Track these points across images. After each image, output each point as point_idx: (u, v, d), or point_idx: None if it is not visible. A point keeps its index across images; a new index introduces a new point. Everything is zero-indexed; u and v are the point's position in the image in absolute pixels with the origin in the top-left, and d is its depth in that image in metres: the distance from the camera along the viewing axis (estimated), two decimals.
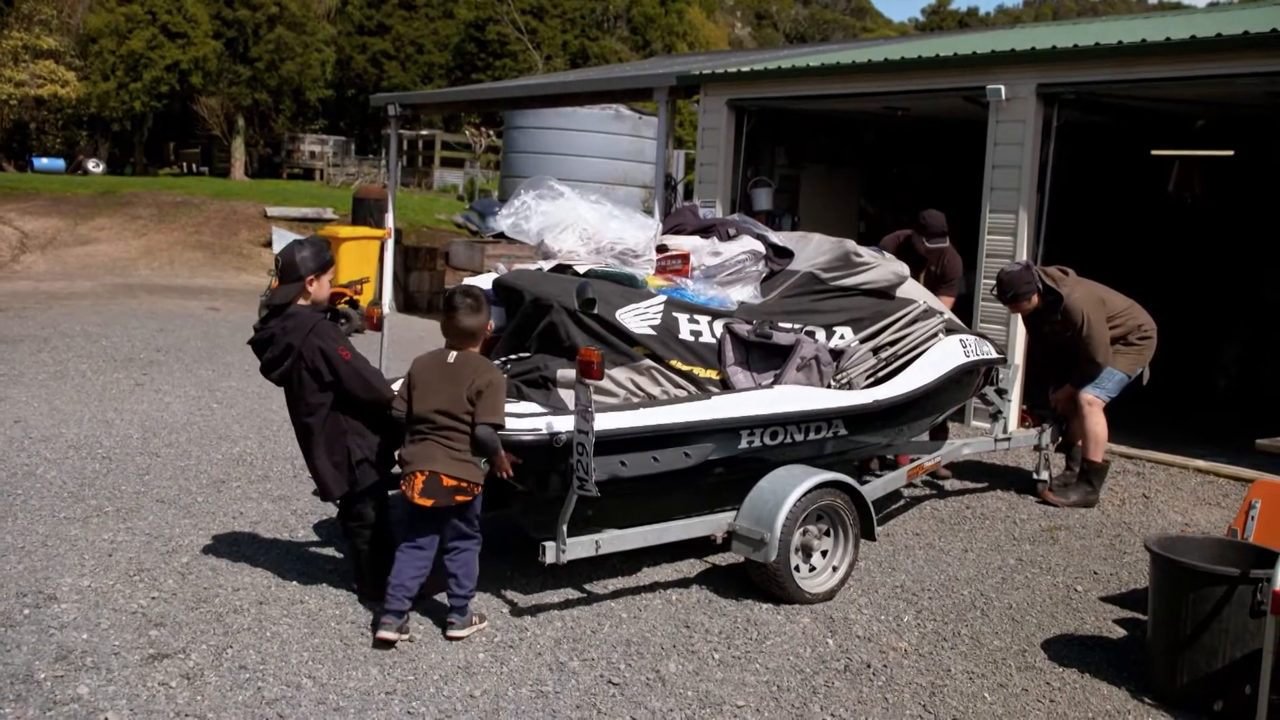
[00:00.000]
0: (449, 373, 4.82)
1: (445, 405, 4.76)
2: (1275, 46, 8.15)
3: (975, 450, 7.65)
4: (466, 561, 4.85)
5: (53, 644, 4.54)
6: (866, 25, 61.69)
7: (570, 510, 4.81)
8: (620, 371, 5.41)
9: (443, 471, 4.70)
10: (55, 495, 6.56)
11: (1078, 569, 6.23)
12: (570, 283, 5.35)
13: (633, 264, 6.01)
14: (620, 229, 6.07)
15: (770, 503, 5.36)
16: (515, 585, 5.48)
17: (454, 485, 4.71)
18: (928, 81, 10.49)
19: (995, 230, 9.82)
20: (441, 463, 4.72)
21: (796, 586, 5.40)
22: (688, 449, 5.29)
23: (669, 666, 4.65)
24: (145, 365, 10.94)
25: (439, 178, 32.72)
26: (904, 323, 6.54)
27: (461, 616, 4.84)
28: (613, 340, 5.40)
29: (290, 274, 5.07)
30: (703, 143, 12.67)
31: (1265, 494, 5.31)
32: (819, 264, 6.38)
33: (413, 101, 19.67)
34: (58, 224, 21.61)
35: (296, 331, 4.97)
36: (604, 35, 43.45)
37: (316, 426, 5.01)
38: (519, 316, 5.55)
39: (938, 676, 4.71)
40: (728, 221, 6.64)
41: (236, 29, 35.43)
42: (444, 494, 4.72)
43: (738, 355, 5.80)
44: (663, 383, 5.52)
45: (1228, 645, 4.40)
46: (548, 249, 6.01)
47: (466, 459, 4.75)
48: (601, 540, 5.10)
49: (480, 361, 4.91)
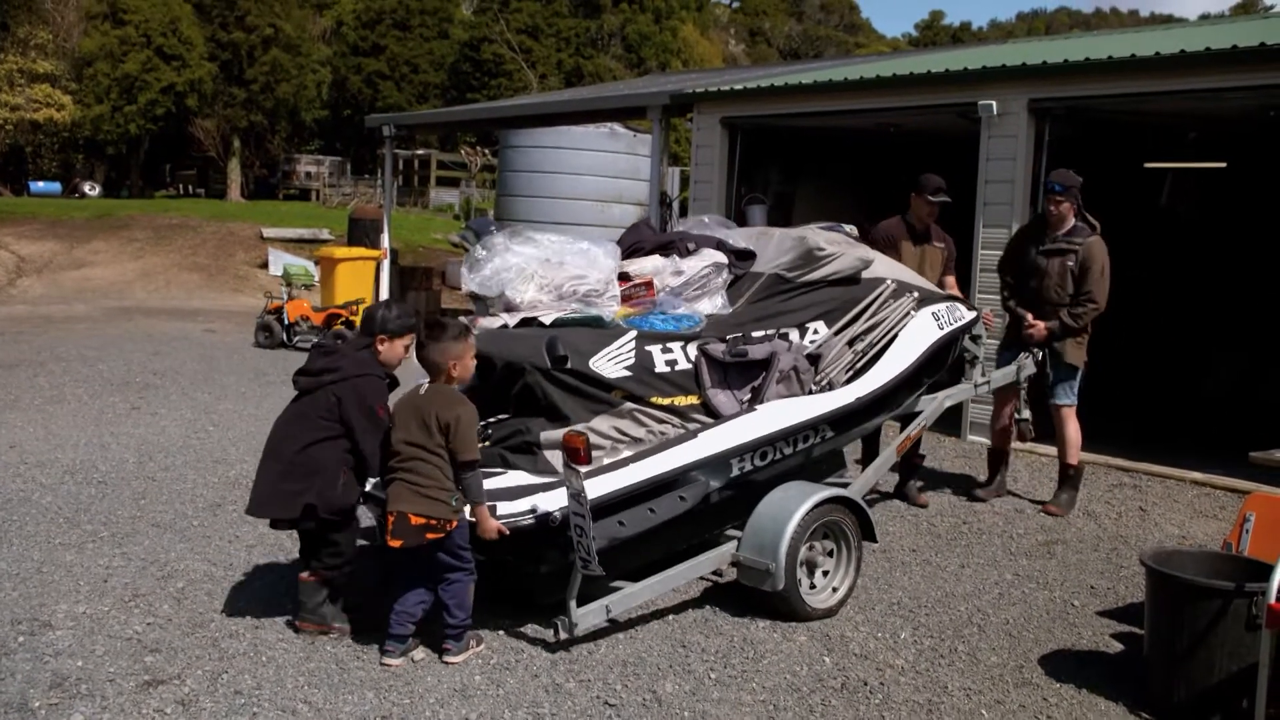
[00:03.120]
0: (418, 403, 4.78)
1: (411, 436, 4.71)
2: (1263, 61, 8.19)
3: (956, 399, 7.57)
4: (458, 592, 4.78)
5: (47, 671, 4.53)
6: (859, 41, 61.96)
7: (577, 586, 4.79)
8: (602, 421, 5.26)
9: (410, 511, 4.64)
10: (50, 521, 6.55)
11: (1075, 583, 6.23)
12: (539, 339, 5.22)
13: (597, 304, 5.77)
14: (579, 269, 5.80)
15: (771, 530, 5.32)
16: (510, 607, 5.46)
17: (422, 524, 4.63)
18: (920, 98, 10.54)
19: (989, 245, 9.84)
20: (408, 501, 4.66)
21: (806, 605, 5.40)
22: (682, 492, 5.25)
23: (665, 687, 4.64)
24: (141, 389, 10.94)
25: (435, 197, 32.81)
26: (876, 307, 6.44)
27: (457, 643, 4.80)
28: (590, 391, 5.26)
29: (366, 327, 5.11)
30: (697, 160, 12.71)
31: (1260, 507, 5.31)
32: (783, 264, 6.29)
33: (408, 122, 19.75)
34: (54, 247, 21.66)
35: (352, 364, 4.95)
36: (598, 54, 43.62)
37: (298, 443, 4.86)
38: (494, 381, 5.34)
39: (935, 694, 4.71)
40: (685, 236, 6.43)
41: (231, 51, 35.58)
42: (412, 534, 4.64)
43: (715, 377, 5.68)
44: (646, 422, 5.41)
45: (1224, 659, 4.39)
46: (509, 302, 5.75)
47: (434, 496, 4.65)
48: (611, 604, 5.01)
49: (449, 393, 4.81)
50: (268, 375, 12.08)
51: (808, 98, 11.57)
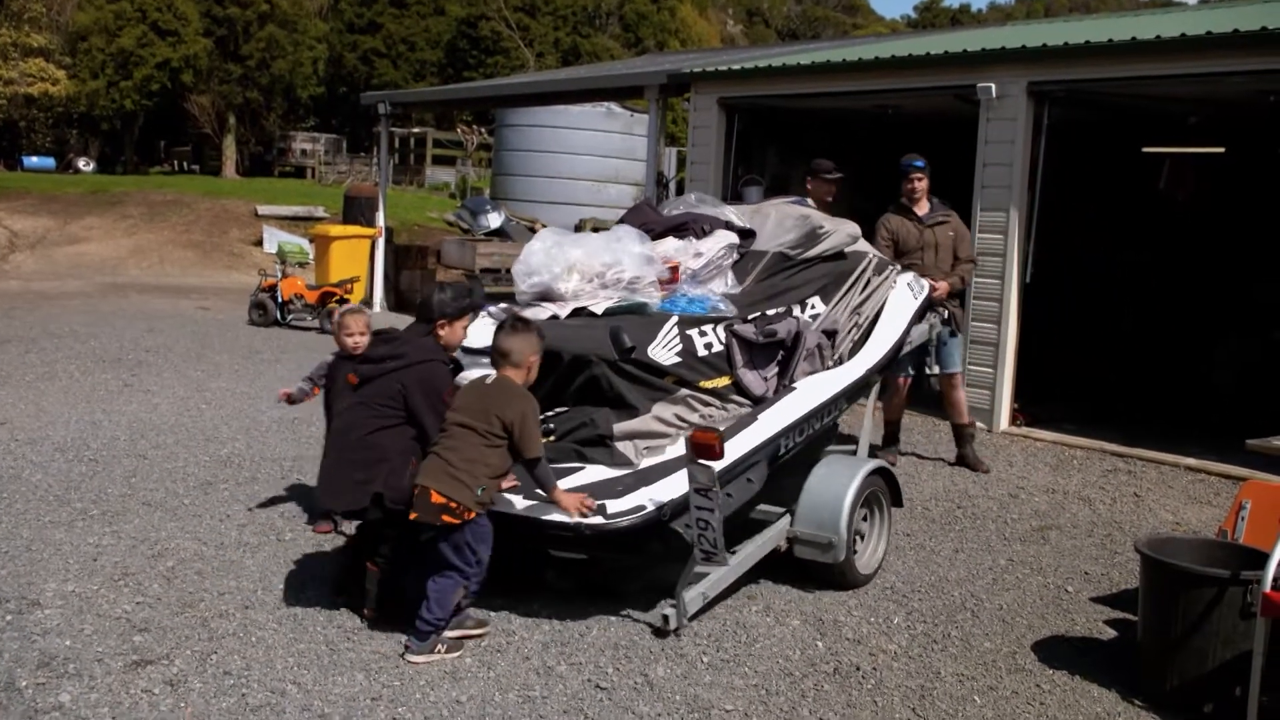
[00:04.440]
0: (482, 390, 4.73)
1: (465, 419, 4.63)
2: (1265, 44, 8.13)
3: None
4: (443, 590, 4.60)
5: (35, 650, 4.50)
6: (858, 22, 61.71)
7: (690, 576, 4.92)
8: (663, 408, 5.31)
9: (434, 487, 4.52)
10: (40, 498, 6.51)
11: (1069, 569, 6.21)
12: (599, 330, 5.24)
13: (638, 290, 5.81)
14: (616, 256, 5.80)
15: (830, 505, 5.46)
16: (501, 589, 5.44)
17: (441, 504, 4.51)
18: (918, 80, 10.47)
19: (986, 229, 9.81)
20: (435, 477, 4.55)
21: (859, 573, 5.63)
22: (750, 475, 5.32)
23: (657, 670, 4.62)
24: (134, 366, 10.89)
25: (431, 175, 32.69)
26: (865, 280, 6.55)
27: (421, 643, 4.59)
28: (648, 379, 5.30)
29: (424, 314, 5.07)
30: (694, 141, 12.64)
31: (1255, 495, 5.30)
32: (786, 242, 6.39)
33: (404, 100, 19.64)
34: (47, 223, 21.55)
35: (415, 350, 4.90)
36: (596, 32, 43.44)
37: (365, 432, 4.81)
38: (558, 374, 5.27)
39: (927, 679, 4.69)
40: (698, 217, 6.44)
41: (227, 27, 35.34)
42: (430, 511, 4.53)
43: (745, 357, 5.74)
44: (698, 407, 5.47)
45: (1218, 647, 4.38)
46: (555, 293, 5.74)
47: (462, 479, 4.54)
48: (706, 590, 5.10)
49: (514, 389, 4.73)
50: (261, 353, 12.03)
51: (806, 79, 11.50)
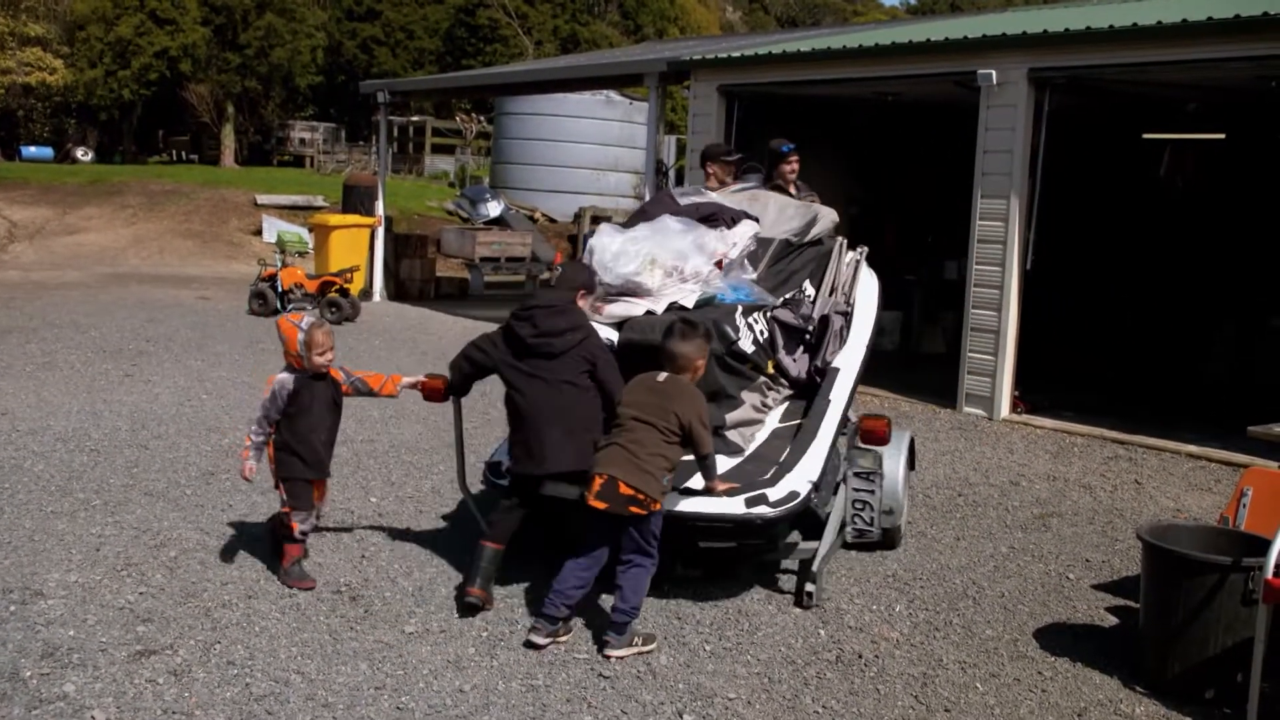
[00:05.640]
0: (656, 388, 4.82)
1: (645, 414, 4.71)
2: (1266, 30, 8.12)
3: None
4: (636, 578, 4.66)
5: (39, 641, 4.51)
6: (857, 9, 61.48)
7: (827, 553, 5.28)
8: (751, 395, 5.58)
9: (622, 478, 4.57)
10: (42, 489, 6.52)
11: (1070, 556, 6.22)
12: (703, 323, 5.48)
13: (708, 282, 5.92)
14: (682, 249, 5.87)
15: (889, 475, 5.74)
16: (504, 578, 5.45)
17: (630, 495, 4.56)
18: (918, 67, 10.45)
19: (987, 216, 9.80)
20: (623, 469, 4.60)
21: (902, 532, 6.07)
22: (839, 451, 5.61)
23: (660, 659, 4.63)
24: (134, 356, 10.89)
25: (430, 164, 32.64)
26: (846, 262, 6.69)
27: (619, 635, 4.63)
28: (738, 367, 5.55)
29: (563, 283, 5.30)
30: (693, 129, 12.62)
31: (1257, 482, 5.30)
32: (791, 229, 6.57)
33: (403, 88, 19.59)
34: (46, 213, 21.53)
35: (584, 318, 5.13)
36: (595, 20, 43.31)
37: (571, 402, 4.96)
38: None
39: (930, 666, 4.70)
40: (724, 207, 6.47)
41: (225, 15, 35.20)
42: (619, 501, 4.57)
43: (783, 341, 5.96)
44: (768, 393, 5.73)
45: (1219, 634, 4.38)
46: (643, 288, 5.76)
47: (650, 470, 4.61)
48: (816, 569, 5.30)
49: (690, 390, 4.86)
50: (261, 343, 12.02)
51: (805, 66, 11.47)
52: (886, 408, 9.82)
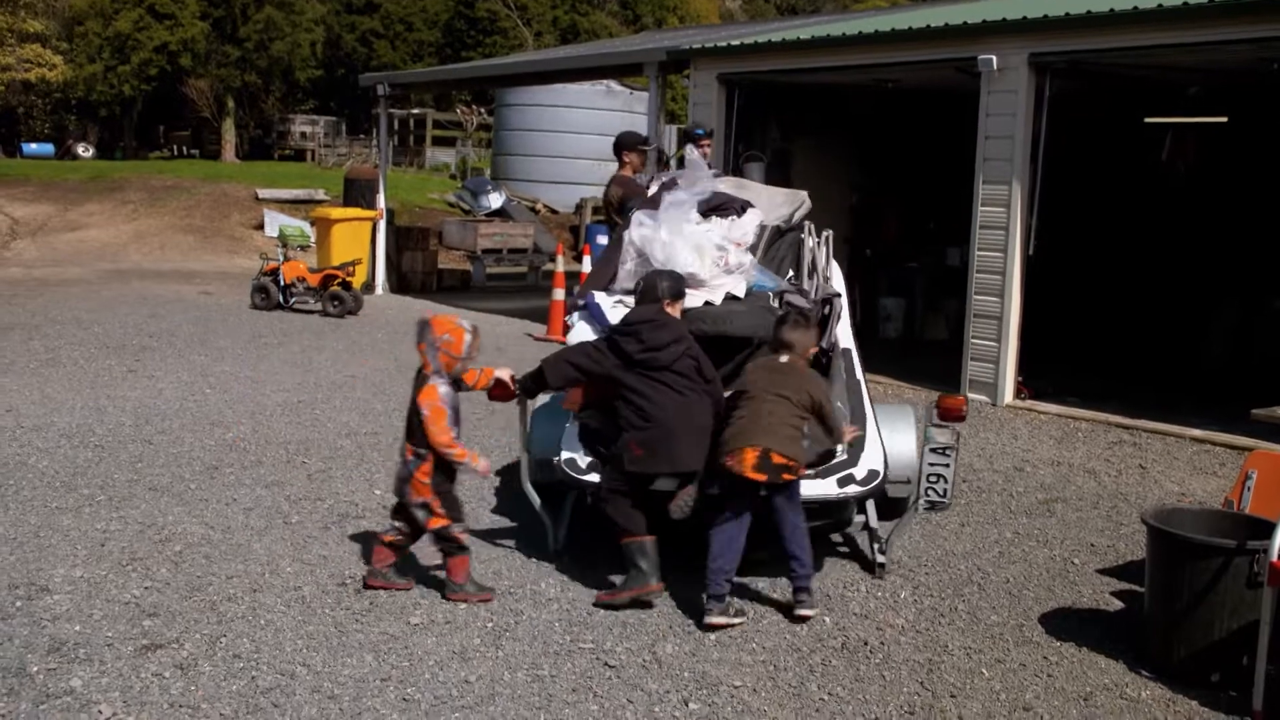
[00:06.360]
0: (781, 368, 5.10)
1: (778, 389, 4.96)
2: (1267, 11, 8.09)
3: None
4: (802, 539, 4.92)
5: (45, 636, 4.52)
6: None
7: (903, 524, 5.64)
8: None
9: (775, 449, 4.82)
10: (47, 485, 6.53)
11: (1075, 541, 6.22)
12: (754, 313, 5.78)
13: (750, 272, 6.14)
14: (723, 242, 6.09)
15: (905, 449, 5.89)
16: (510, 569, 5.46)
17: (783, 463, 4.83)
18: (918, 53, 10.42)
19: (989, 202, 9.78)
20: (775, 439, 4.84)
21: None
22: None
23: (665, 648, 4.63)
24: (137, 351, 10.89)
25: (431, 156, 32.54)
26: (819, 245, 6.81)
27: (809, 595, 4.94)
28: None
29: (649, 295, 5.38)
30: (694, 118, 12.58)
31: (1261, 465, 5.29)
32: (781, 216, 6.76)
33: (402, 81, 19.54)
34: (48, 210, 21.52)
35: (681, 327, 5.31)
36: (594, 10, 43.19)
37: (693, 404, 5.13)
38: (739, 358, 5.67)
39: (935, 653, 4.70)
40: (729, 197, 6.56)
41: (224, 9, 35.07)
42: (775, 471, 4.82)
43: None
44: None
45: (1224, 617, 4.38)
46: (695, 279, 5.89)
47: (798, 439, 4.94)
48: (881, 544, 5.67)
49: (814, 375, 5.24)
50: (264, 337, 12.03)
51: (805, 53, 11.44)
52: (890, 394, 9.81)
